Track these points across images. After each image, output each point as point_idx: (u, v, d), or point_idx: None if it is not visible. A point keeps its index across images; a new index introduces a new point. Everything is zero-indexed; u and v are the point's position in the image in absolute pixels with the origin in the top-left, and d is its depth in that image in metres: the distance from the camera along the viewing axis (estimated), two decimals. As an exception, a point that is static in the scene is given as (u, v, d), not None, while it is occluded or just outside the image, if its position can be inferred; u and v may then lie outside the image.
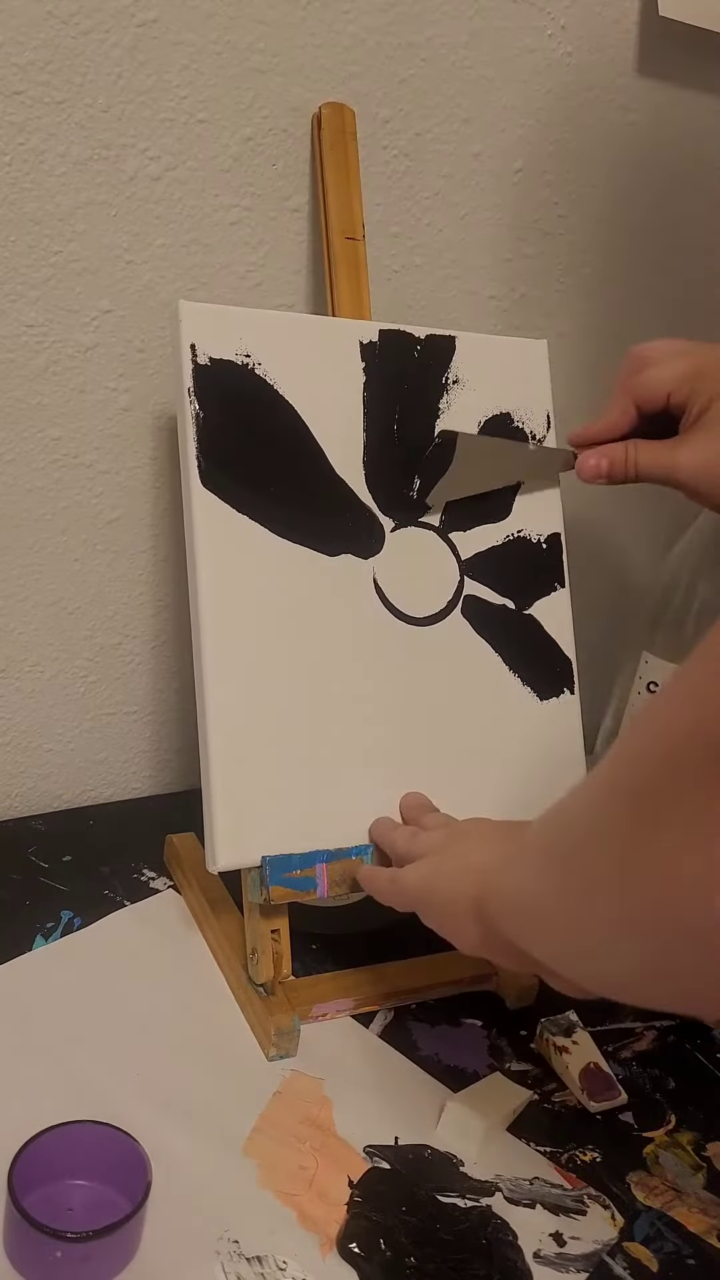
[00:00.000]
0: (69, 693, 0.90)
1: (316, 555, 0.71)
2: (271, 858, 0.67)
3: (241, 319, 0.71)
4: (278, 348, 0.71)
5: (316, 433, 0.72)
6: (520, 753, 0.77)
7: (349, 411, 0.73)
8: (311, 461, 0.72)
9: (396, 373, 0.75)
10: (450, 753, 0.74)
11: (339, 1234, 0.58)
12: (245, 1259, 0.56)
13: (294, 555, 0.71)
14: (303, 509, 0.71)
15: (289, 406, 0.71)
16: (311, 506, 0.71)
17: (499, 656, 0.77)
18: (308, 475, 0.72)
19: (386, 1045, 0.71)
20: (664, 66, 0.92)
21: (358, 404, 0.74)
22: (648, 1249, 0.61)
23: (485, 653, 0.77)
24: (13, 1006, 0.69)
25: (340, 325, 0.75)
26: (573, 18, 0.86)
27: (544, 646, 0.79)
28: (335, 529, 0.72)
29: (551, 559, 0.80)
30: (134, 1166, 0.56)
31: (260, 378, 0.70)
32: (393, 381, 0.75)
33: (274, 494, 0.70)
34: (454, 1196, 0.61)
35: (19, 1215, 0.52)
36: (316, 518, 0.72)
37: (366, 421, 0.74)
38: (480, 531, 0.77)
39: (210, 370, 0.69)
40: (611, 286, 0.98)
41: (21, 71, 0.71)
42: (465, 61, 0.84)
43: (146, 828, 0.87)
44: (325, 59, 0.79)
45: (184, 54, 0.75)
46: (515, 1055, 0.73)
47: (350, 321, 0.75)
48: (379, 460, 0.74)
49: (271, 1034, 0.68)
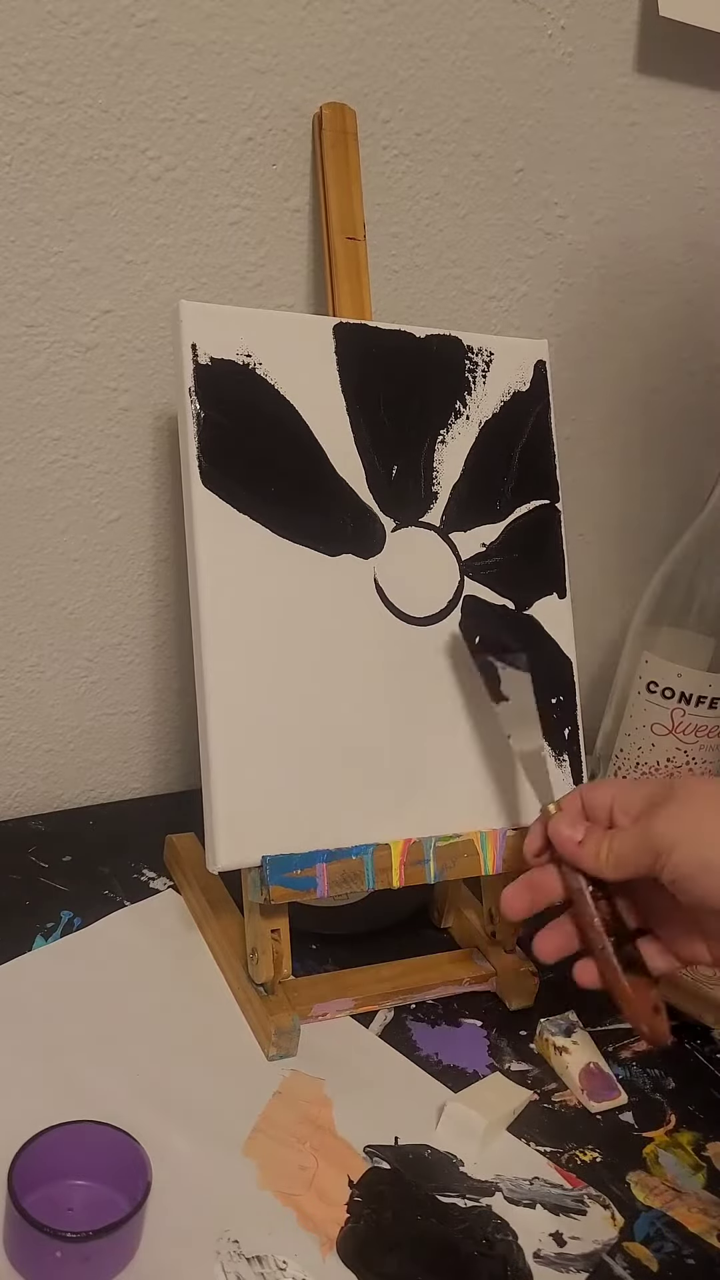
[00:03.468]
0: (69, 693, 0.90)
1: (317, 555, 0.71)
2: (271, 857, 0.67)
3: (242, 319, 0.71)
4: (278, 347, 0.71)
5: (317, 433, 0.72)
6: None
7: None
8: (312, 462, 0.72)
9: (397, 373, 0.75)
10: (451, 752, 0.74)
11: (339, 1234, 0.58)
12: (245, 1259, 0.56)
13: (295, 555, 0.70)
14: (303, 509, 0.71)
15: (289, 406, 0.71)
16: (312, 506, 0.71)
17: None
18: (308, 475, 0.72)
19: (386, 1045, 0.71)
20: (664, 67, 0.92)
21: (358, 404, 0.74)
22: (648, 1249, 0.61)
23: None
24: (12, 1007, 0.69)
25: (341, 325, 0.75)
26: (573, 18, 0.86)
27: (544, 647, 0.79)
28: (336, 529, 0.72)
29: (551, 560, 0.80)
30: (134, 1166, 0.56)
31: (261, 378, 0.70)
32: (393, 382, 0.75)
33: (274, 494, 0.70)
34: (454, 1196, 0.61)
35: (19, 1215, 0.52)
36: (317, 518, 0.71)
37: (366, 422, 0.74)
38: (480, 532, 0.77)
39: (211, 370, 0.69)
40: (612, 287, 0.98)
41: (21, 71, 0.71)
42: (465, 61, 0.84)
43: (146, 828, 0.87)
44: (325, 59, 0.79)
45: (184, 54, 0.75)
46: (515, 1055, 0.73)
47: (350, 321, 0.75)
48: (380, 461, 0.74)
49: (271, 1034, 0.68)
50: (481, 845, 0.73)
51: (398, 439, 0.75)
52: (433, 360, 0.76)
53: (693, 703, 0.93)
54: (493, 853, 0.73)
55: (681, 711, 0.94)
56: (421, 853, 0.71)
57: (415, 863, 0.71)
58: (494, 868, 0.74)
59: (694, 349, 1.05)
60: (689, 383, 1.07)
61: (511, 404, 0.79)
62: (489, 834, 0.74)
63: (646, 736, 0.96)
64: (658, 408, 1.06)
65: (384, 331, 0.75)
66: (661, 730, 0.95)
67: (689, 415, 1.08)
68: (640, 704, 0.96)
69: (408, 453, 0.75)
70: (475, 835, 0.73)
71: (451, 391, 0.77)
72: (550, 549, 0.80)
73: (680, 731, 0.94)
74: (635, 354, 1.03)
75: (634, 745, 0.97)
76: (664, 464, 1.08)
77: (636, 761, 0.97)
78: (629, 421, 1.05)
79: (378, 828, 0.71)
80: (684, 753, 0.95)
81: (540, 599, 0.79)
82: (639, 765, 0.97)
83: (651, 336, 1.02)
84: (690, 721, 0.94)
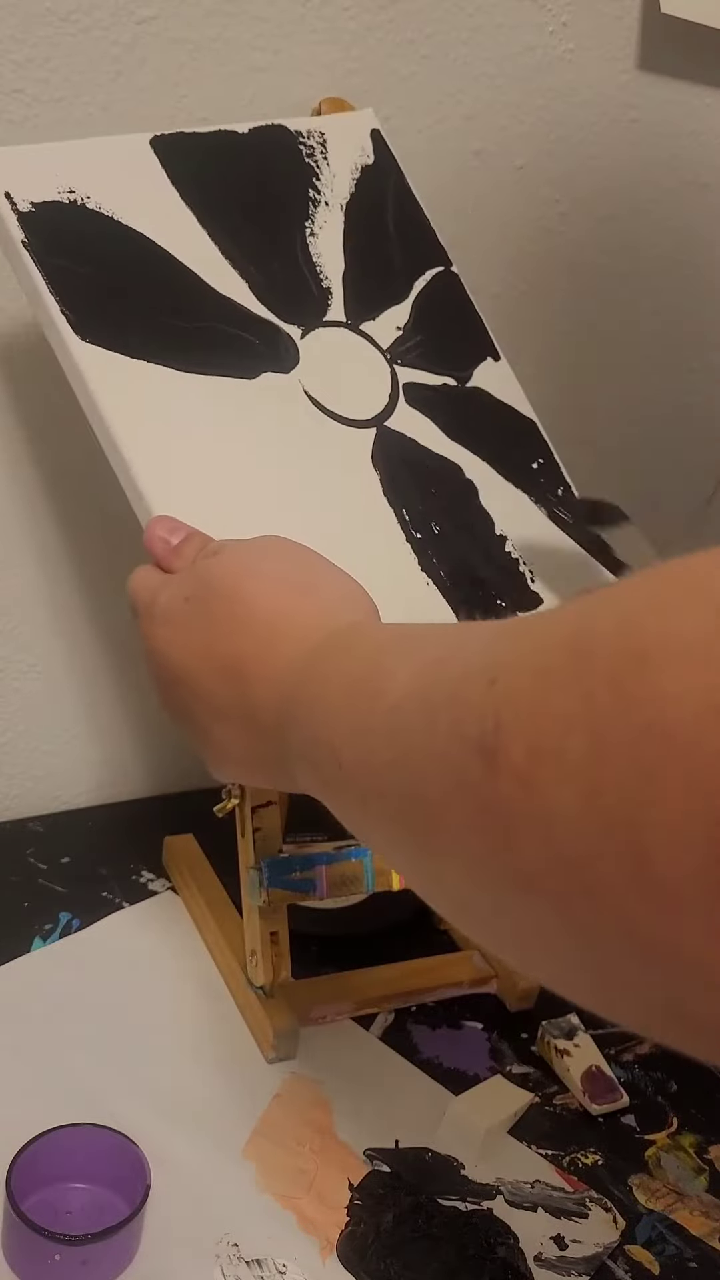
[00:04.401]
0: (68, 693, 0.89)
1: (235, 382, 0.65)
2: (270, 859, 0.66)
3: (51, 155, 0.65)
4: (100, 177, 0.65)
5: (179, 255, 0.65)
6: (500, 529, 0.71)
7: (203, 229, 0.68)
8: (188, 287, 0.65)
9: (234, 174, 0.70)
10: None
11: (339, 1237, 0.58)
12: (245, 1262, 0.56)
13: (212, 388, 0.64)
14: (201, 340, 0.64)
15: (139, 235, 0.65)
16: (208, 334, 0.65)
17: (459, 443, 0.71)
18: (189, 301, 0.65)
19: (387, 1048, 0.71)
20: (666, 63, 0.91)
21: (209, 215, 0.68)
22: (649, 1252, 0.60)
23: (441, 440, 0.71)
24: (10, 1009, 0.69)
25: (158, 139, 0.69)
26: (574, 15, 0.86)
27: (502, 414, 0.74)
28: (244, 348, 0.66)
29: (473, 324, 0.75)
30: (133, 1169, 0.56)
31: (95, 211, 0.64)
32: (235, 184, 0.70)
33: (163, 329, 0.63)
34: (455, 1200, 0.61)
35: (18, 1218, 0.52)
36: (219, 344, 0.65)
37: (225, 230, 0.68)
38: (390, 315, 0.72)
39: (37, 216, 0.62)
40: (614, 285, 0.98)
41: (20, 69, 0.71)
42: (466, 58, 0.84)
43: (145, 829, 0.87)
44: (325, 56, 0.79)
45: (184, 51, 0.75)
46: (516, 1058, 0.72)
47: (167, 133, 0.69)
48: (258, 269, 0.69)
49: (271, 1036, 0.67)
50: (482, 846, 0.73)
51: (265, 241, 0.69)
52: (268, 154, 0.71)
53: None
54: (493, 854, 0.73)
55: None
56: (422, 854, 0.70)
57: (416, 864, 0.70)
58: (495, 869, 0.73)
59: (695, 347, 1.05)
60: (689, 380, 1.06)
61: (364, 180, 0.74)
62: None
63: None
64: (658, 405, 1.06)
65: (206, 135, 0.70)
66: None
67: (689, 413, 1.08)
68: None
69: (281, 253, 0.70)
70: (476, 836, 0.73)
71: (300, 180, 0.71)
72: (466, 314, 0.75)
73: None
74: (636, 351, 1.02)
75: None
76: (665, 463, 1.07)
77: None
78: (630, 420, 1.05)
79: None
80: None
81: (476, 367, 0.74)
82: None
83: (652, 333, 1.02)
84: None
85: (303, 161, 0.72)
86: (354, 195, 0.74)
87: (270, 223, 0.70)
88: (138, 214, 0.65)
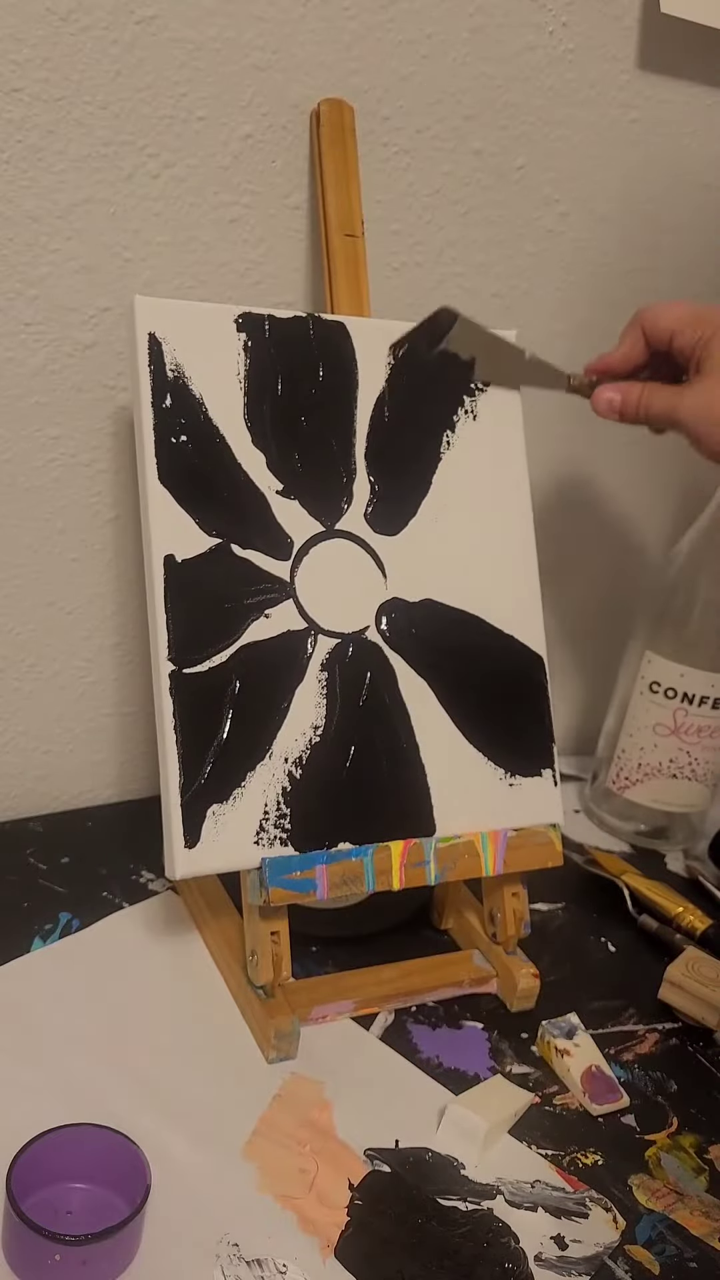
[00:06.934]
0: (68, 693, 0.89)
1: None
2: (271, 859, 0.66)
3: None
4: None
5: (226, 433, 0.70)
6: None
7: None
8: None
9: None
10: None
11: (339, 1238, 0.58)
12: (245, 1262, 0.56)
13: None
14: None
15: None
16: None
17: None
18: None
19: (387, 1048, 0.71)
20: (666, 64, 0.91)
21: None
22: (649, 1252, 0.60)
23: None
24: (10, 1009, 0.68)
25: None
26: (574, 15, 0.86)
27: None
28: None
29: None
30: (133, 1169, 0.56)
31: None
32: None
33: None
34: (455, 1200, 0.61)
35: (18, 1218, 0.52)
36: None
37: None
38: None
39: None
40: (614, 285, 0.98)
41: (20, 68, 0.71)
42: (467, 58, 0.84)
43: (145, 829, 0.86)
44: (325, 56, 0.79)
45: (183, 51, 0.75)
46: (516, 1058, 0.72)
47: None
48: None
49: (271, 1036, 0.67)
50: (482, 846, 0.73)
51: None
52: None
53: (695, 703, 0.93)
54: (493, 854, 0.73)
55: (684, 711, 0.93)
56: (422, 854, 0.71)
57: (415, 864, 0.70)
58: (494, 869, 0.73)
59: (695, 347, 1.05)
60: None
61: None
62: (489, 835, 0.73)
63: (649, 736, 0.95)
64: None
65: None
66: (664, 730, 0.94)
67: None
68: (643, 704, 0.95)
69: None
70: (476, 836, 0.73)
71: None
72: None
73: (683, 732, 0.94)
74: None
75: (636, 745, 0.97)
76: (665, 462, 1.07)
77: (639, 762, 0.97)
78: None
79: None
80: (686, 753, 0.95)
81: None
82: (640, 765, 0.97)
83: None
84: (693, 721, 0.93)
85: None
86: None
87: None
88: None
